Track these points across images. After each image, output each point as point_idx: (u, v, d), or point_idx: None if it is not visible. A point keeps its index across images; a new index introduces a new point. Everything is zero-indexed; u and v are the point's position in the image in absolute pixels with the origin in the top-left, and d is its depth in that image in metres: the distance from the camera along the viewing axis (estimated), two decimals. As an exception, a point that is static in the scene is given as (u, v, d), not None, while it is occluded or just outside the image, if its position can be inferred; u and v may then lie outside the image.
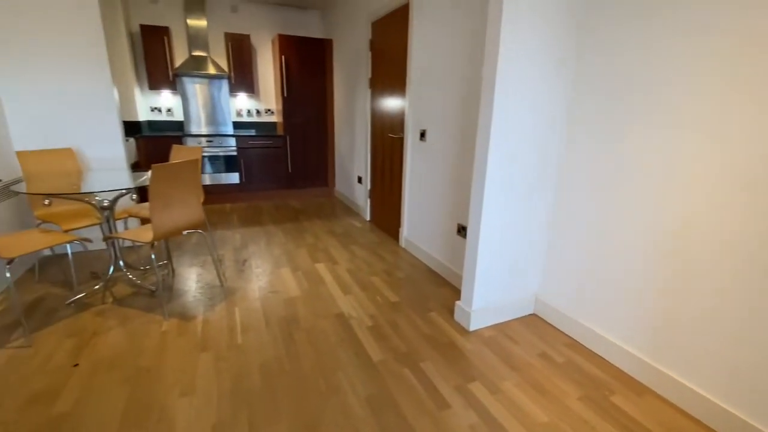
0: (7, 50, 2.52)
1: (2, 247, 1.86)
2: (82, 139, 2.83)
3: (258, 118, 5.09)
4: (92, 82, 2.76)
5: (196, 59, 4.36)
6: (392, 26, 3.13)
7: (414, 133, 2.93)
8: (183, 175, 2.07)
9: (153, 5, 4.28)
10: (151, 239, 2.02)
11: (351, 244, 3.34)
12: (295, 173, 4.93)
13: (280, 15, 4.88)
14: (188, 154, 2.84)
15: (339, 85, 4.61)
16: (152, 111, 4.55)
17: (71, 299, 2.25)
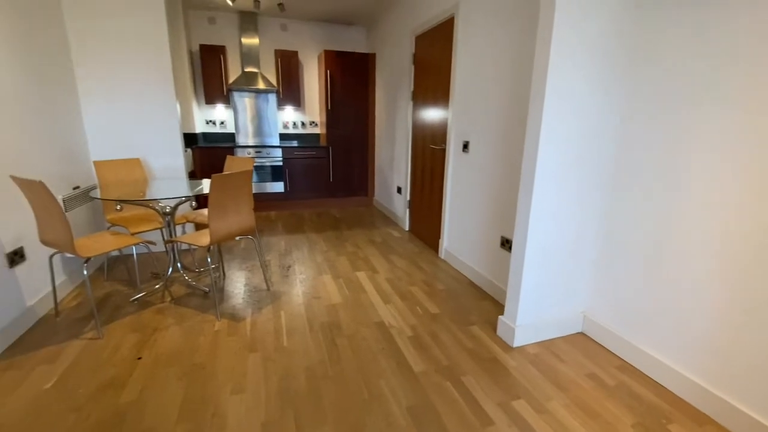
0: (91, 73, 2.83)
1: (80, 247, 2.07)
2: (148, 150, 3.09)
3: (303, 130, 5.31)
4: (158, 100, 3.02)
5: (248, 75, 4.64)
6: (436, 40, 3.18)
7: (456, 145, 2.94)
8: (238, 184, 2.20)
9: (211, 26, 4.63)
10: (208, 243, 2.16)
11: (390, 254, 3.37)
12: (336, 183, 5.07)
13: (327, 31, 5.09)
14: (241, 165, 3.02)
15: (381, 98, 4.71)
16: (207, 123, 4.88)
17: (135, 297, 2.45)
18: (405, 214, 4.09)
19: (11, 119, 2.06)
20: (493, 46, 2.41)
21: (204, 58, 4.43)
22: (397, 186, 4.33)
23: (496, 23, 2.36)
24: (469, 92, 2.71)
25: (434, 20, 3.14)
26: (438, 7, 3.08)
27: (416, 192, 3.82)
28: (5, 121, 2.01)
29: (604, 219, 1.97)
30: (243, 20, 4.57)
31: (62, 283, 2.47)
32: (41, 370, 1.75)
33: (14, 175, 1.89)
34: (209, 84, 4.52)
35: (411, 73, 3.69)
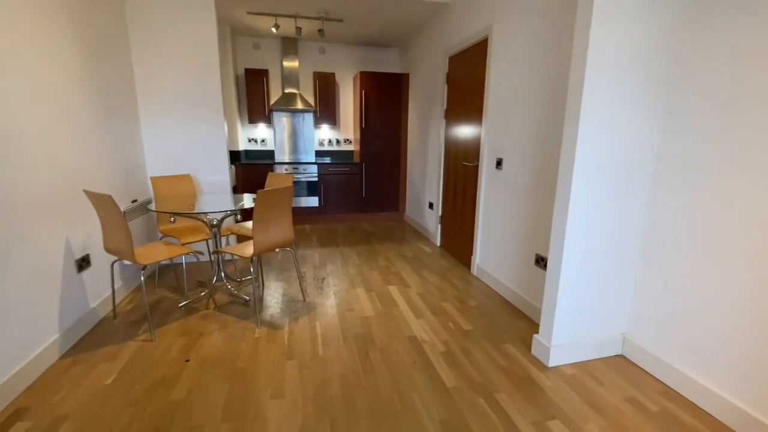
0: (150, 98, 3.12)
1: (139, 255, 2.26)
2: (197, 167, 3.34)
3: (337, 147, 5.51)
4: (208, 121, 3.28)
5: (288, 96, 4.91)
6: (469, 60, 3.26)
7: (490, 162, 2.97)
8: (280, 199, 2.34)
9: (256, 51, 4.96)
10: (252, 254, 2.30)
11: (422, 269, 3.41)
12: (368, 198, 5.19)
13: (362, 53, 5.32)
14: (282, 181, 3.19)
15: (413, 116, 4.83)
16: (249, 141, 5.18)
17: (182, 303, 2.62)
18: (436, 229, 4.12)
19: (86, 140, 2.32)
20: (527, 65, 2.45)
21: (248, 81, 4.74)
22: (428, 201, 4.38)
23: (531, 43, 2.41)
24: (503, 110, 2.75)
25: (467, 41, 3.23)
26: (472, 29, 3.17)
27: (448, 208, 3.85)
28: (82, 142, 2.27)
29: (642, 238, 1.93)
30: (285, 45, 4.87)
31: (119, 288, 2.69)
32: (102, 368, 1.92)
33: (87, 190, 2.12)
34: (252, 105, 4.82)
35: (444, 92, 3.77)
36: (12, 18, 1.76)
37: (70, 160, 2.16)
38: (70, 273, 2.14)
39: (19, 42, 1.80)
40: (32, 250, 1.84)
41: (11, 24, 1.75)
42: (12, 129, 1.73)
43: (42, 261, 1.91)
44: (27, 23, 1.85)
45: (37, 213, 1.88)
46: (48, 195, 1.96)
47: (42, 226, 1.91)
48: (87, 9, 2.38)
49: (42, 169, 1.92)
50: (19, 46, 1.80)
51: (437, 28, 3.92)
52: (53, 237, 2.00)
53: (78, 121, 2.25)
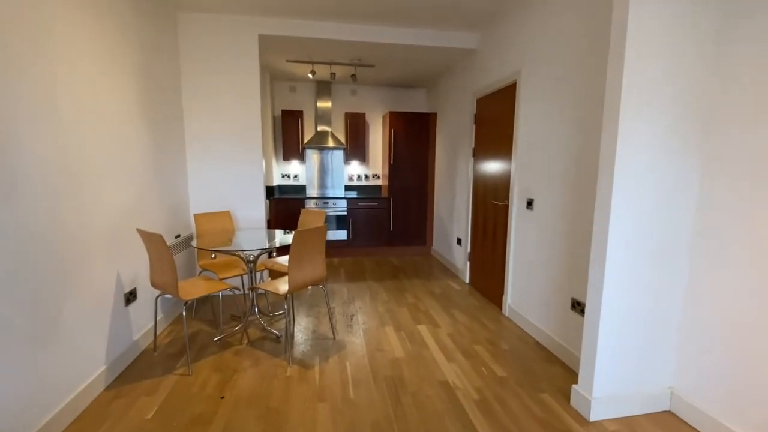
0: (196, 138, 3.37)
1: (182, 290, 2.38)
2: (235, 203, 3.52)
3: (366, 182, 5.66)
4: (248, 160, 3.48)
5: (321, 134, 5.15)
6: (498, 102, 3.35)
7: (520, 201, 2.97)
8: (315, 238, 2.43)
9: (292, 93, 5.29)
10: (287, 292, 2.37)
11: (451, 307, 3.36)
12: (396, 232, 5.24)
13: (391, 94, 5.55)
14: (315, 217, 3.31)
15: (440, 153, 4.93)
16: (283, 177, 5.42)
17: (217, 337, 2.70)
18: (465, 266, 4.09)
19: (140, 181, 2.53)
20: (556, 110, 2.50)
21: (284, 121, 5.03)
22: (456, 237, 4.38)
23: (560, 88, 2.47)
24: (533, 152, 2.78)
25: (496, 84, 3.34)
26: (500, 73, 3.28)
27: (477, 245, 3.83)
28: (136, 182, 2.47)
29: (688, 285, 1.85)
30: (319, 88, 5.17)
31: (159, 321, 2.80)
32: (143, 401, 1.98)
33: (139, 228, 2.28)
34: (287, 143, 5.09)
35: (472, 131, 3.86)
36: (85, 65, 2.00)
37: (125, 199, 2.35)
38: (118, 306, 2.27)
39: (87, 87, 2.03)
40: (88, 285, 1.98)
41: (84, 69, 1.99)
42: (79, 169, 1.92)
43: (95, 295, 2.05)
44: (98, 72, 2.10)
45: (95, 249, 2.04)
46: (104, 232, 2.13)
47: (98, 261, 2.06)
48: (148, 58, 2.66)
49: (101, 207, 2.10)
50: (87, 91, 2.03)
51: (465, 71, 4.07)
52: (106, 272, 2.15)
53: (134, 163, 2.46)
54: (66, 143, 1.81)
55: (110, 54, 2.19)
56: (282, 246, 2.68)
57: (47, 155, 1.68)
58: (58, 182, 1.75)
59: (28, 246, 1.57)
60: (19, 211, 1.52)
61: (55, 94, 1.73)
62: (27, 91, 1.57)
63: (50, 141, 1.70)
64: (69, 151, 1.83)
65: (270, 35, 3.39)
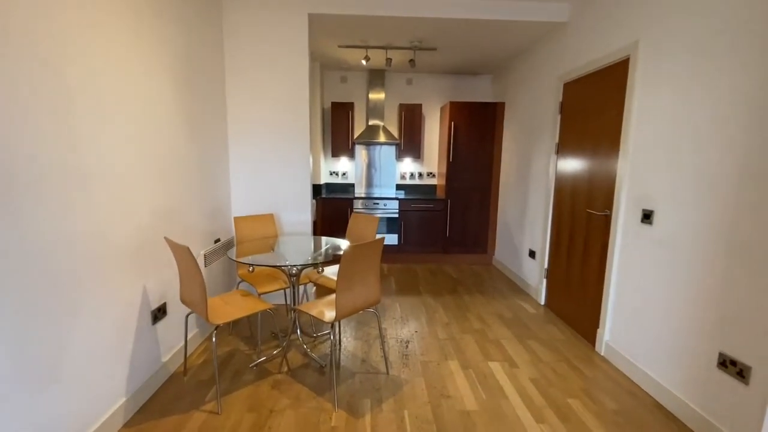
0: (240, 136, 3.05)
1: (212, 311, 2.02)
2: (280, 205, 3.17)
3: (420, 181, 5.13)
4: (294, 158, 3.11)
5: (372, 128, 4.70)
6: (596, 86, 2.67)
7: (631, 213, 2.30)
8: (368, 254, 1.96)
9: (343, 84, 4.88)
10: (333, 320, 1.93)
11: (528, 338, 2.76)
12: (452, 238, 4.67)
13: (451, 83, 4.96)
14: (366, 223, 2.86)
15: (509, 149, 4.27)
16: (330, 174, 5.05)
17: (254, 363, 2.33)
18: (540, 284, 3.44)
19: (175, 181, 2.21)
20: (707, 84, 1.81)
21: (334, 114, 4.64)
22: (528, 249, 3.72)
23: (716, 49, 1.78)
24: (657, 149, 2.10)
25: (594, 64, 2.66)
26: (602, 50, 2.60)
27: (558, 260, 3.17)
28: (170, 182, 2.15)
29: None
30: (372, 77, 4.71)
31: (194, 336, 2.50)
32: (162, 450, 1.64)
33: (167, 237, 1.95)
34: (336, 138, 4.70)
35: (556, 123, 3.19)
36: (102, 40, 1.66)
37: (156, 202, 2.03)
38: (144, 326, 1.96)
39: (107, 67, 1.70)
40: (104, 306, 1.66)
41: (102, 45, 1.65)
42: (94, 168, 1.59)
43: (115, 317, 1.73)
44: (121, 51, 1.76)
45: (114, 263, 1.72)
46: (127, 242, 1.81)
47: (118, 277, 1.75)
48: (186, 42, 2.33)
49: (124, 213, 1.78)
50: (106, 72, 1.70)
51: (549, 51, 3.39)
52: (130, 288, 1.83)
53: (168, 160, 2.14)
54: (77, 136, 1.48)
55: (137, 31, 1.86)
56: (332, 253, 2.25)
57: (51, 152, 1.35)
58: (66, 186, 1.42)
59: (22, 266, 1.24)
60: (14, 222, 1.20)
61: (61, 73, 1.40)
62: (24, 68, 1.24)
63: (56, 133, 1.37)
64: (81, 145, 1.50)
65: (321, 14, 2.96)
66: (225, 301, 2.17)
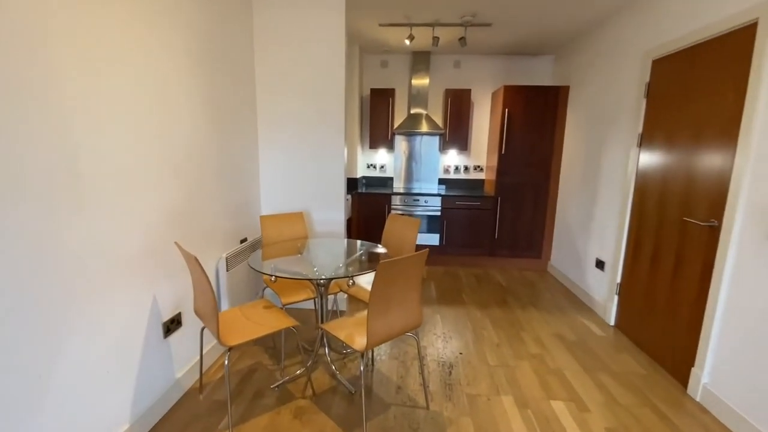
0: (269, 125, 2.78)
1: (225, 330, 1.77)
2: (311, 202, 2.88)
3: (465, 175, 4.67)
4: (327, 150, 2.80)
5: (414, 117, 4.29)
6: (704, 61, 2.09)
7: (754, 225, 1.75)
8: (407, 271, 1.60)
9: (383, 69, 4.50)
10: (364, 348, 1.60)
11: (598, 370, 2.28)
12: (501, 239, 4.19)
13: (505, 65, 4.41)
14: (406, 226, 2.50)
15: (573, 140, 3.70)
16: (368, 167, 4.72)
17: (276, 384, 2.07)
18: (610, 300, 2.91)
19: (191, 175, 1.97)
20: None
21: (373, 102, 4.28)
22: (595, 258, 3.18)
23: None
24: (803, 140, 1.54)
25: (701, 34, 2.08)
26: (713, 15, 2.02)
27: (636, 275, 2.63)
28: (186, 178, 1.91)
29: None
30: (415, 60, 4.28)
31: (211, 349, 2.28)
32: (162, 494, 1.41)
33: (178, 242, 1.71)
34: (375, 128, 4.34)
35: (640, 108, 2.62)
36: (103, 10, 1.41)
37: (169, 201, 1.79)
38: (154, 341, 1.74)
39: (106, 41, 1.45)
40: (103, 323, 1.44)
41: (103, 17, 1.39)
42: (90, 166, 1.35)
43: (117, 334, 1.51)
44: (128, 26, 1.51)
45: (118, 272, 1.49)
46: (138, 247, 1.58)
47: (126, 286, 1.52)
48: (210, 20, 2.07)
49: (130, 215, 1.54)
50: (105, 47, 1.44)
51: (628, 23, 2.80)
52: (137, 299, 1.61)
53: (184, 154, 1.90)
54: (67, 123, 1.24)
55: (150, 3, 1.60)
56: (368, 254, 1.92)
57: (37, 148, 1.11)
58: (53, 182, 1.19)
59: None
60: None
61: (53, 50, 1.15)
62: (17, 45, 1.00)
63: (42, 126, 1.13)
64: (71, 134, 1.26)
65: (359, -15, 2.59)
66: (244, 314, 1.92)
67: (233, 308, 1.99)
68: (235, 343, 1.64)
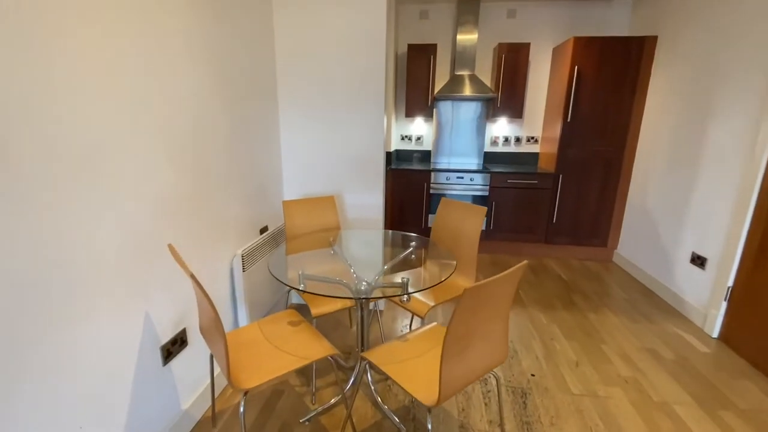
0: (292, 95, 2.24)
1: (238, 366, 1.33)
2: (344, 182, 2.38)
3: (516, 148, 4.02)
4: (363, 119, 2.26)
5: (458, 79, 3.63)
6: None
7: None
8: (499, 293, 1.09)
9: (423, 21, 3.82)
10: (435, 403, 1.12)
11: (717, 405, 1.75)
12: (560, 224, 3.59)
13: (571, 12, 3.64)
14: (465, 214, 1.96)
15: (662, 105, 2.99)
16: (402, 139, 4.14)
17: (307, 416, 1.65)
18: (715, 307, 2.33)
19: (191, 156, 1.48)
20: None
21: (411, 61, 3.64)
22: (692, 252, 2.57)
23: None
24: None
25: None
26: None
27: (759, 279, 2.03)
28: (183, 160, 1.43)
29: None
30: (461, 11, 3.58)
31: (231, 361, 1.88)
32: None
33: (173, 246, 1.25)
34: (413, 92, 3.72)
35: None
36: None
37: (163, 189, 1.33)
38: (151, 371, 1.33)
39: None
40: (80, 357, 1.01)
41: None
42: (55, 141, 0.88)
43: (98, 372, 1.09)
44: None
45: (96, 285, 1.05)
46: (118, 252, 1.13)
47: (105, 306, 1.08)
48: (208, -55, 1.51)
49: (114, 210, 1.08)
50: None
51: (777, -66, 2.04)
52: (123, 321, 1.18)
53: (185, 130, 1.41)
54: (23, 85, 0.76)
55: None
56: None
57: None
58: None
59: None
60: None
61: None
62: None
63: None
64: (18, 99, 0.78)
65: None
66: (266, 334, 1.48)
67: (251, 324, 1.55)
68: (251, 386, 1.19)
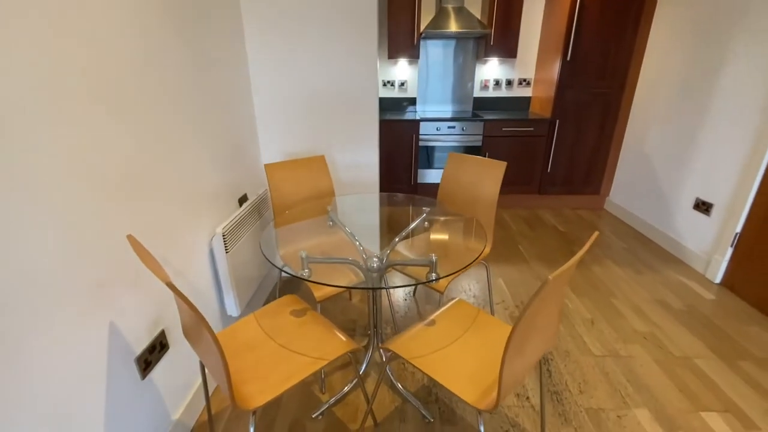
0: (264, 32, 1.80)
1: (240, 380, 1.08)
2: (332, 139, 2.04)
3: (507, 92, 3.73)
4: (353, 63, 1.88)
5: (446, 13, 3.20)
6: None
7: None
8: (567, 276, 0.88)
9: (403, -57, 3.26)
10: (492, 407, 0.94)
11: (735, 356, 1.73)
12: (554, 174, 3.45)
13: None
14: (480, 170, 1.72)
15: (666, 43, 2.75)
16: (384, 85, 3.73)
17: (320, 410, 1.46)
18: (719, 253, 2.29)
19: (155, 115, 1.10)
20: None
21: (392, -7, 3.14)
22: (695, 198, 2.49)
23: None
24: None
25: None
26: None
27: (776, 226, 1.98)
28: (143, 120, 1.05)
29: None
30: (448, -74, 3.06)
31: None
32: None
33: (133, 236, 0.93)
34: (395, 30, 3.26)
35: (834, -23, 1.70)
36: None
37: (109, 161, 0.97)
38: (126, 389, 1.06)
39: None
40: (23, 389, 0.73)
41: None
42: None
43: (48, 409, 0.81)
44: None
45: (39, 299, 0.74)
46: (63, 248, 0.80)
47: (49, 324, 0.78)
48: None
49: (55, 187, 0.74)
50: None
51: None
52: (79, 339, 0.89)
53: (133, 79, 1.02)
54: None
55: None
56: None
57: None
58: None
59: None
60: None
61: None
62: None
63: None
64: None
65: None
66: (267, 330, 1.23)
67: (247, 318, 1.30)
68: (261, 404, 0.96)
